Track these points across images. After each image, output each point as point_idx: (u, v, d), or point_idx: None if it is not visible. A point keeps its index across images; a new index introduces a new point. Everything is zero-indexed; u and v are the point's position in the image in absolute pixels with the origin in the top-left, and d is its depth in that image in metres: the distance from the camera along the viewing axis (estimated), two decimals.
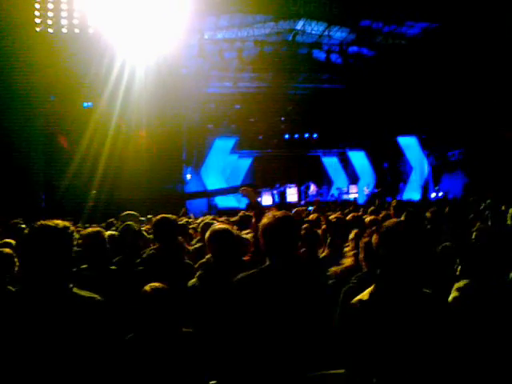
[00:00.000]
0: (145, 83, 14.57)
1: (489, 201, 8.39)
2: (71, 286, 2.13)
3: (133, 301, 2.65)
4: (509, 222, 5.13)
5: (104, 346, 2.10)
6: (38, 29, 14.10)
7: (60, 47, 14.23)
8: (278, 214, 2.66)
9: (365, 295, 2.24)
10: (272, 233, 2.59)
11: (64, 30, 14.38)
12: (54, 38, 14.32)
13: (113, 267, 3.81)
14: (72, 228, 2.18)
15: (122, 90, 14.44)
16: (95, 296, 2.15)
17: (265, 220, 2.65)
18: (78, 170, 14.11)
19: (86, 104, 15.25)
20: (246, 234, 4.13)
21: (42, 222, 2.14)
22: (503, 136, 15.45)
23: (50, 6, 14.08)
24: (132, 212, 5.70)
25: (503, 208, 6.21)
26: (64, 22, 14.34)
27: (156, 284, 2.59)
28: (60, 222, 2.14)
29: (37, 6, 14.00)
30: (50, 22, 14.30)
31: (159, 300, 2.53)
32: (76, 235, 2.24)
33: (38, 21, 14.05)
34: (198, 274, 3.35)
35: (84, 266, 3.65)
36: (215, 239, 3.31)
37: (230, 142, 20.41)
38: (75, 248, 2.18)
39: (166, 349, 2.52)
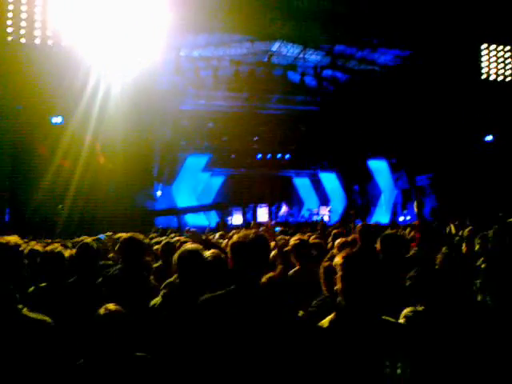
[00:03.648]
0: (120, 99, 14.38)
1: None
2: (20, 307, 2.02)
3: (87, 323, 2.51)
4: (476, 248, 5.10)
5: (51, 372, 1.98)
6: (9, 38, 13.82)
7: (32, 58, 13.94)
8: (251, 232, 2.51)
9: (325, 322, 2.19)
10: (242, 252, 2.45)
11: (37, 42, 14.14)
12: (26, 48, 14.04)
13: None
14: (23, 246, 2.08)
15: (97, 105, 14.22)
16: (45, 319, 2.03)
17: (235, 238, 2.51)
18: (50, 186, 13.78)
19: (54, 120, 14.91)
20: None
21: None
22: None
23: (24, 15, 13.83)
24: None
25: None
26: (37, 32, 14.10)
27: (111, 306, 2.45)
28: (12, 239, 2.04)
29: (9, 14, 13.75)
30: (22, 31, 14.04)
31: (112, 324, 2.37)
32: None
33: (9, 30, 13.78)
34: (161, 293, 3.22)
35: (43, 285, 3.49)
36: (183, 261, 3.09)
37: (202, 160, 20.32)
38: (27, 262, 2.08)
39: (117, 375, 2.38)
